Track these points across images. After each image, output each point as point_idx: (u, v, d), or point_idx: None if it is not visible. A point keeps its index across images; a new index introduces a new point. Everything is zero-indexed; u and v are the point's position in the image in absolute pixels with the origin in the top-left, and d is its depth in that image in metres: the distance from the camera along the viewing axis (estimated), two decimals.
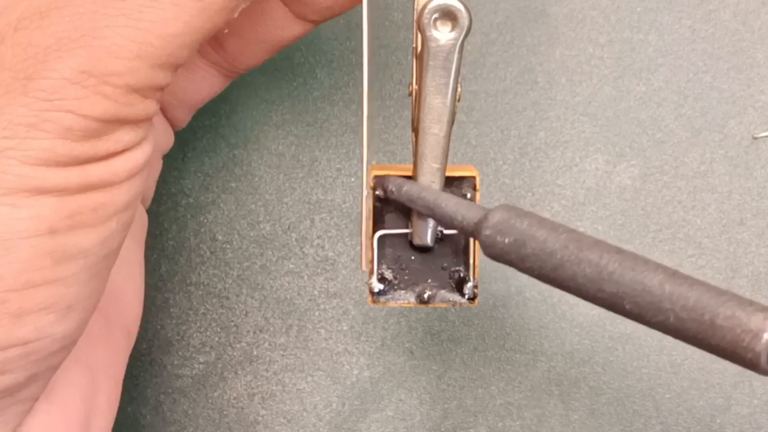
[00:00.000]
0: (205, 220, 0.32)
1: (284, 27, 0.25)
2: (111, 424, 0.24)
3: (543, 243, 0.18)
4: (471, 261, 0.23)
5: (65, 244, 0.18)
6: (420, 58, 0.21)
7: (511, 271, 0.31)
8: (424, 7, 0.19)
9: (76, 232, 0.19)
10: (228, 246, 0.32)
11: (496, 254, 0.20)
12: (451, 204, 0.21)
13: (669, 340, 0.31)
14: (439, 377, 0.31)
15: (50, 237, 0.18)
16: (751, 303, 0.16)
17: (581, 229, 0.31)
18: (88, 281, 0.20)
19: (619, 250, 0.18)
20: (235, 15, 0.20)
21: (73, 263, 0.19)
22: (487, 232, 0.19)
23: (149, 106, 0.19)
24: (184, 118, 0.28)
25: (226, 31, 0.24)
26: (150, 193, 0.28)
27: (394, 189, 0.22)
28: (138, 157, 0.20)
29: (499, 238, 0.19)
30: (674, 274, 0.17)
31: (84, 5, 0.18)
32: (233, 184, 0.32)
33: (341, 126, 0.32)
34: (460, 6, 0.19)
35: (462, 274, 0.24)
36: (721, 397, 0.31)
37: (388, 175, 0.23)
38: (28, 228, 0.18)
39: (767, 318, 0.15)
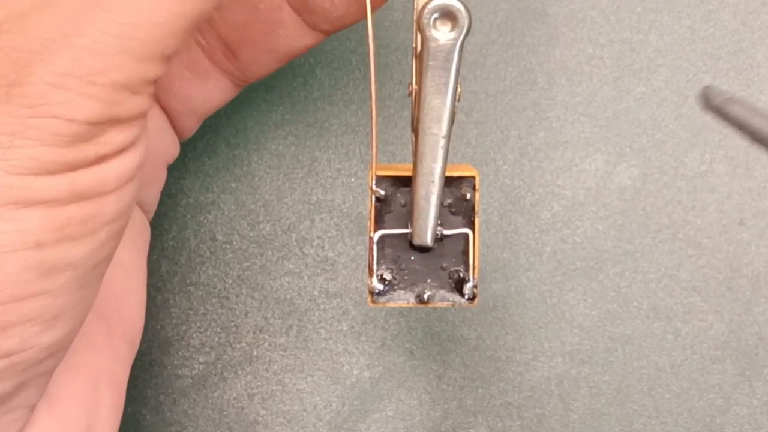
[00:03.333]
0: (205, 220, 0.32)
1: (296, 37, 0.25)
2: None
3: None
4: (471, 261, 0.23)
5: (53, 257, 0.18)
6: (420, 58, 0.21)
7: (511, 271, 0.31)
8: (424, 7, 0.19)
9: (65, 245, 0.18)
10: (228, 246, 0.32)
11: None
12: None
13: (669, 341, 0.31)
14: (439, 377, 0.31)
15: (37, 250, 0.18)
16: None
17: (580, 230, 0.31)
18: (77, 291, 0.19)
19: None
20: None
21: (61, 275, 0.18)
22: None
23: (141, 102, 0.19)
24: (192, 127, 0.27)
25: (235, 38, 0.24)
26: (153, 204, 0.28)
27: (719, 105, 0.18)
28: (130, 160, 0.19)
29: None
30: None
31: (65, 3, 0.17)
32: (233, 184, 0.32)
33: (341, 126, 0.32)
34: (459, 6, 0.19)
35: (462, 274, 0.24)
36: (721, 398, 0.31)
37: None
38: (13, 241, 0.17)
39: None
